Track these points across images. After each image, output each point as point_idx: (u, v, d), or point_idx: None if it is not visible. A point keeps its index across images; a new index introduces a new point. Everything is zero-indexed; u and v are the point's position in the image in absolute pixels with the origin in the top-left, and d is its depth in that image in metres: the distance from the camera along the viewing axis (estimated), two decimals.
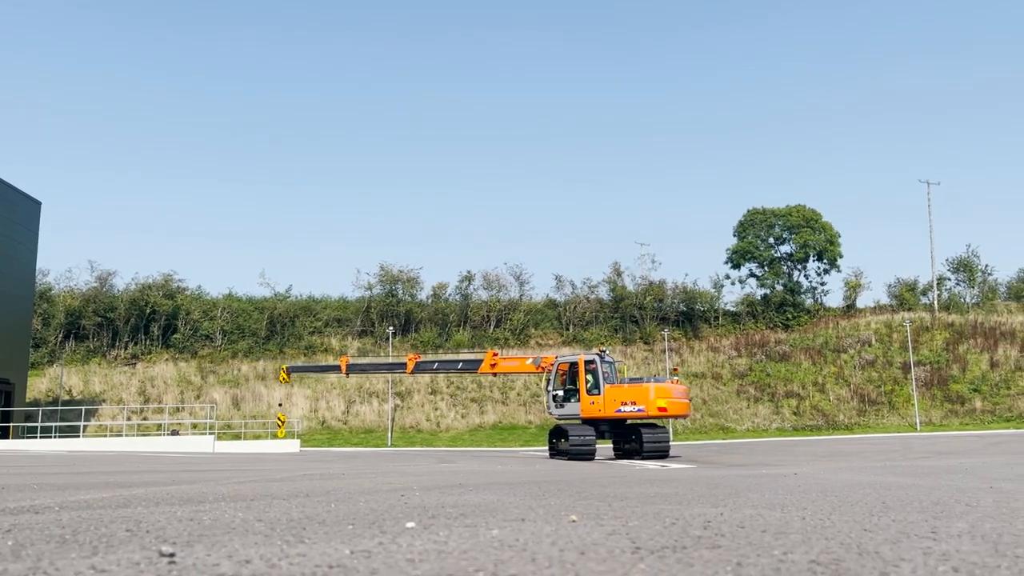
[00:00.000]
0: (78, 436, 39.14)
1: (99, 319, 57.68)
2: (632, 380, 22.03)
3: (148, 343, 58.57)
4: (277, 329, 60.35)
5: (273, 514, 4.82)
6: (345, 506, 5.40)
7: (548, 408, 22.84)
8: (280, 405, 47.36)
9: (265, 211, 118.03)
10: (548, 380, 23.20)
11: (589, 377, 21.39)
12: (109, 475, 10.49)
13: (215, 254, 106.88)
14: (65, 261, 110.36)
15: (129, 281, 61.68)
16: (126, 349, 57.85)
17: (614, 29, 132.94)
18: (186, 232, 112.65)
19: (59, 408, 43.03)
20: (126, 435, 39.20)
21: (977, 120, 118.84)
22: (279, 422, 40.26)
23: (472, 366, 26.94)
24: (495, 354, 26.23)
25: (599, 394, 21.09)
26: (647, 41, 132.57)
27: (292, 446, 36.68)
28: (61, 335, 57.35)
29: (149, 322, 58.87)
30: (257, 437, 42.69)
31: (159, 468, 13.07)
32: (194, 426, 44.07)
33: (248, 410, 49.69)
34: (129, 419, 44.54)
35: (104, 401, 49.62)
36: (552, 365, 23.05)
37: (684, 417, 22.57)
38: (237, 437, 42.71)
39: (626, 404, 20.67)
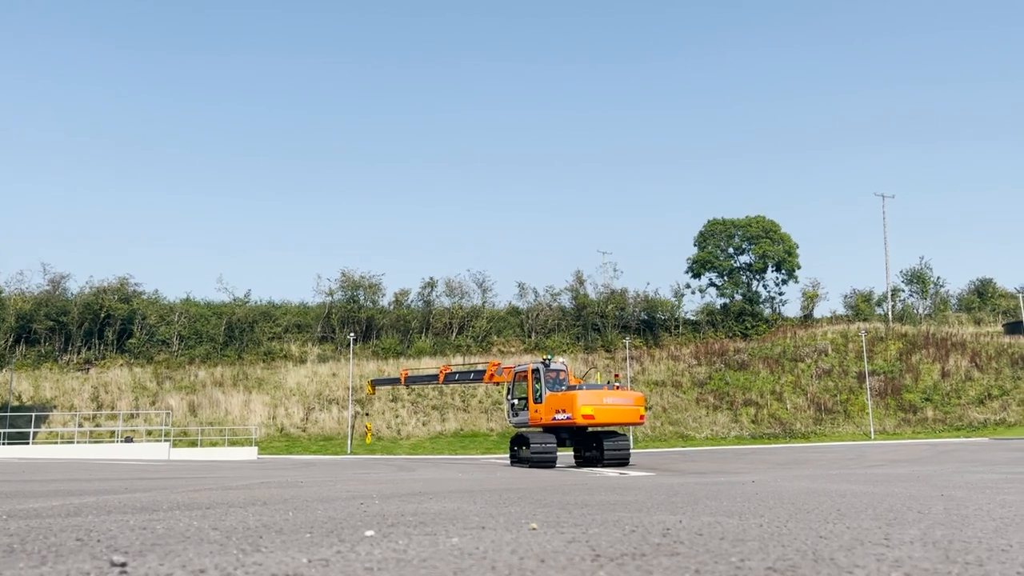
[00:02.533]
0: (28, 443, 38.18)
1: (51, 323, 56.32)
2: (569, 388, 21.44)
3: (102, 348, 57.33)
4: (236, 335, 59.48)
5: (229, 522, 4.74)
6: (303, 514, 5.33)
7: (507, 416, 23.08)
8: (367, 415, 49.48)
9: (224, 215, 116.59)
10: (508, 389, 23.38)
11: (536, 386, 21.48)
12: (59, 483, 10.23)
13: (173, 258, 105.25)
14: (16, 263, 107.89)
15: (83, 284, 60.48)
16: (79, 354, 56.55)
17: (580, 42, 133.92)
18: (143, 235, 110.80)
19: (8, 414, 41.92)
20: (78, 442, 38.31)
21: (931, 135, 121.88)
22: (367, 429, 44.28)
23: (480, 376, 27.20)
24: (496, 364, 26.28)
25: (542, 402, 21.14)
26: (610, 53, 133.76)
27: (249, 453, 36.16)
28: (11, 339, 55.86)
29: (103, 326, 57.64)
30: (214, 444, 42.00)
31: (112, 476, 12.79)
32: (149, 433, 43.23)
33: (205, 417, 48.86)
34: (81, 426, 43.54)
35: (55, 407, 48.42)
36: (512, 374, 23.22)
37: (629, 425, 21.64)
38: (193, 444, 41.95)
39: (559, 412, 20.44)
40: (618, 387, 21.56)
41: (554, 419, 20.58)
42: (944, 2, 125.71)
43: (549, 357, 22.73)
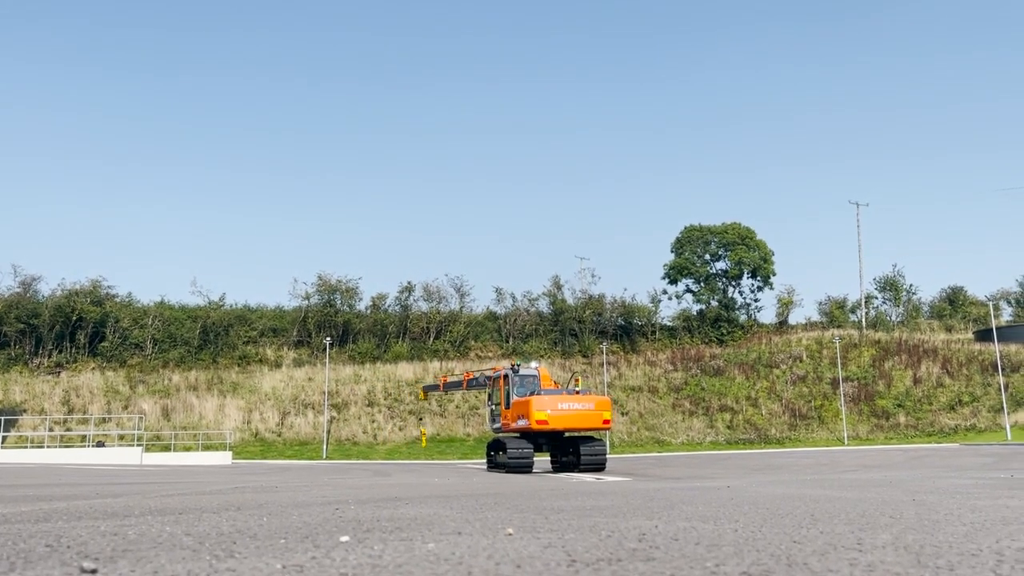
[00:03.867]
0: None
1: (21, 326, 55.42)
2: (531, 393, 21.07)
3: (74, 351, 56.54)
4: (210, 338, 58.90)
5: (202, 528, 4.69)
6: (278, 519, 5.29)
7: (488, 422, 23.03)
8: (421, 420, 49.73)
9: (200, 217, 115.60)
10: (488, 395, 23.34)
11: (507, 391, 21.48)
12: (29, 488, 10.08)
13: (147, 260, 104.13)
14: None
15: (55, 287, 59.50)
16: (50, 357, 55.73)
17: (560, 52, 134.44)
18: (117, 238, 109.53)
19: None
20: (48, 446, 37.77)
21: (904, 144, 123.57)
22: (422, 433, 44.96)
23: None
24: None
25: (511, 408, 21.15)
26: (590, 63, 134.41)
27: (224, 458, 35.82)
28: None
29: (75, 329, 56.85)
30: (187, 449, 41.56)
31: (83, 481, 12.62)
32: (121, 437, 42.69)
33: (179, 421, 48.33)
34: (51, 430, 42.92)
35: (25, 411, 47.66)
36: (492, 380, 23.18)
37: (591, 430, 21.24)
38: (167, 449, 41.48)
39: (520, 418, 20.31)
40: (578, 392, 21.19)
41: (515, 425, 20.51)
42: (916, 17, 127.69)
43: (518, 363, 22.61)
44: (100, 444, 38.99)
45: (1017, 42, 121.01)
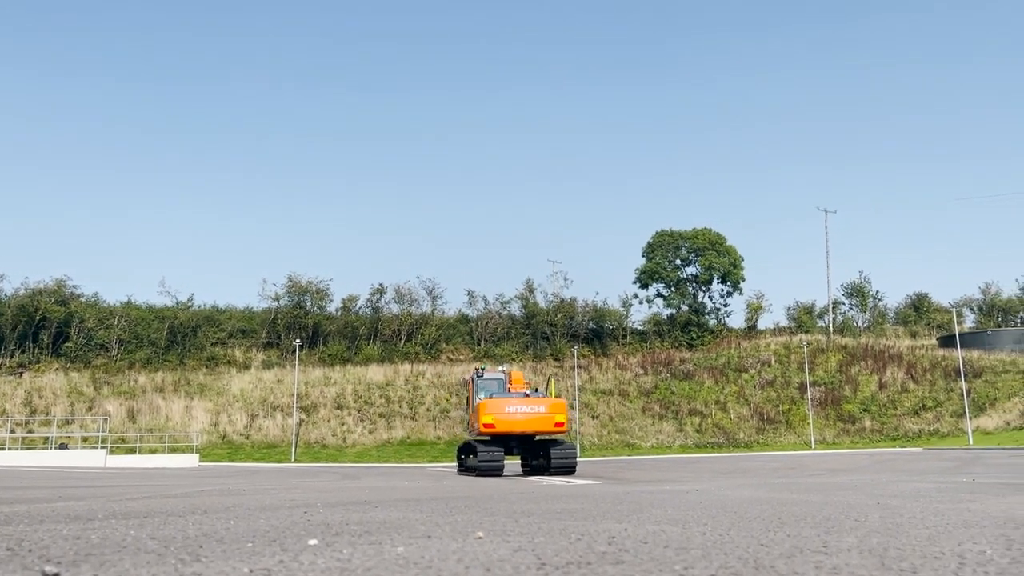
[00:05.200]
0: None
1: None
2: (490, 396, 21.01)
3: (37, 351, 55.54)
4: (178, 339, 58.18)
5: (168, 531, 4.63)
6: (245, 523, 5.24)
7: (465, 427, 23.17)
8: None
9: (168, 217, 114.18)
10: (466, 399, 23.45)
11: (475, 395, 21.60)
12: None
13: (114, 260, 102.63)
14: None
15: (18, 286, 58.49)
16: (12, 357, 54.68)
17: (532, 57, 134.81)
18: (83, 237, 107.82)
19: None
20: (9, 448, 37.00)
21: (872, 152, 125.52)
22: None
23: None
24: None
25: (473, 412, 21.25)
26: (560, 61, 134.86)
27: (190, 461, 35.38)
28: None
29: (39, 329, 55.85)
30: (153, 451, 40.97)
31: (45, 484, 12.39)
32: (85, 440, 41.95)
33: (144, 423, 47.63)
34: (13, 432, 42.05)
35: None
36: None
37: (543, 433, 20.99)
38: (132, 451, 40.84)
39: (477, 423, 20.51)
40: (527, 395, 20.89)
41: (476, 428, 20.66)
42: (884, 27, 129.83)
43: (483, 367, 22.66)
44: (63, 446, 38.28)
45: (980, 54, 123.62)
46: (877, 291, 74.51)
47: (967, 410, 48.83)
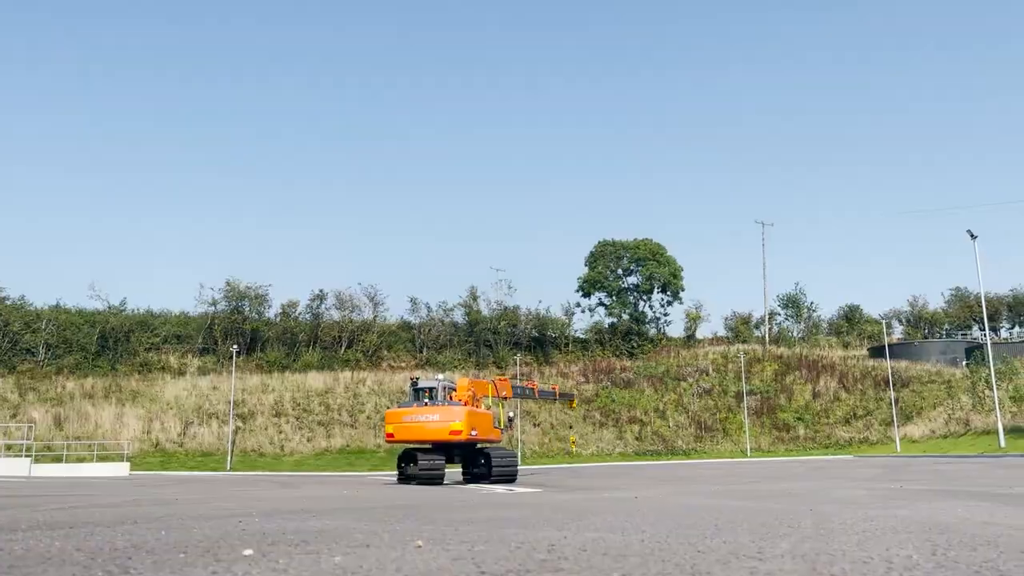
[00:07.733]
0: None
1: None
2: (421, 404, 21.09)
3: None
4: (109, 344, 56.47)
5: (95, 543, 4.48)
6: (177, 533, 5.10)
7: None
8: (571, 427, 50.71)
9: (100, 218, 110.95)
10: None
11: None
12: None
13: (42, 262, 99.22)
14: None
15: None
16: None
17: (476, 62, 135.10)
18: (9, 237, 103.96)
19: None
20: None
21: (808, 167, 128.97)
22: (572, 445, 45.85)
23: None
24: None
25: None
26: (506, 73, 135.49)
27: (121, 469, 34.30)
28: None
29: None
30: (81, 460, 39.60)
31: None
32: (8, 448, 40.32)
33: (72, 431, 46.02)
34: None
35: None
36: None
37: (439, 442, 20.96)
38: (58, 460, 39.42)
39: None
40: (427, 403, 20.88)
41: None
42: (829, 35, 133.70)
43: (417, 377, 22.74)
44: None
45: (923, 66, 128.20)
46: (812, 302, 76.63)
47: (895, 418, 50.43)
